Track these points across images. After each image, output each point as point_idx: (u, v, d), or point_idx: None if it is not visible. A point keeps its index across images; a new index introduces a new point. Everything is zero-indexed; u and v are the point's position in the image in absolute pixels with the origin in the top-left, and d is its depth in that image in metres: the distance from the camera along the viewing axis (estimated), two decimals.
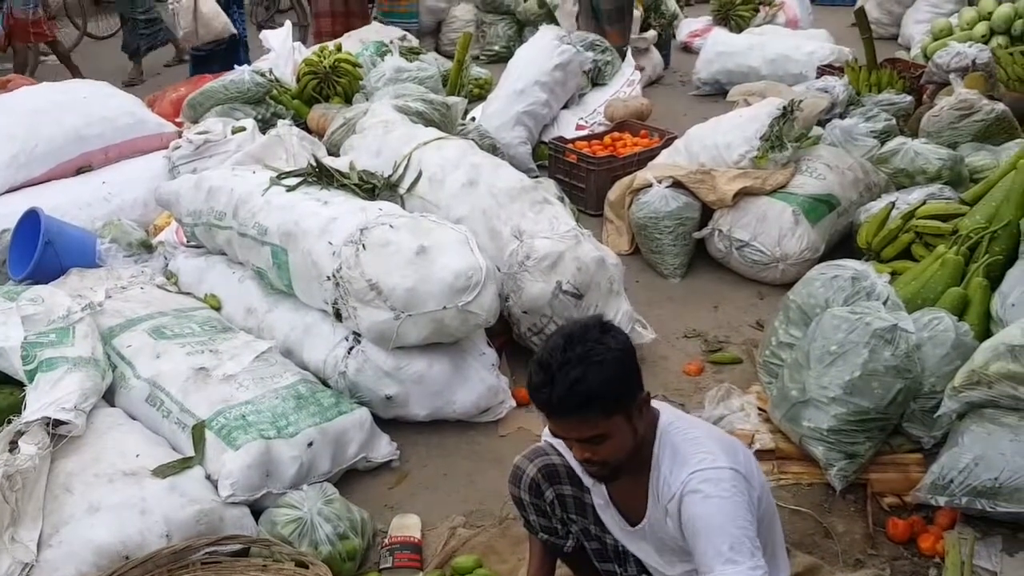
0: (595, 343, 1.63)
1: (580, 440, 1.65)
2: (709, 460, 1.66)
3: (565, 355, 1.61)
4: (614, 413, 1.62)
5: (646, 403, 1.71)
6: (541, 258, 2.99)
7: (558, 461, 1.91)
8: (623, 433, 1.65)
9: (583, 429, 1.63)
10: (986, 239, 2.88)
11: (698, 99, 6.51)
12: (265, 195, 3.12)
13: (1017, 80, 5.05)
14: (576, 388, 1.58)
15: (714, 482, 1.62)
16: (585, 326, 1.69)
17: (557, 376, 1.59)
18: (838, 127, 4.39)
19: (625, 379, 1.65)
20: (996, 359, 2.14)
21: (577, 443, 1.67)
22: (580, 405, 1.59)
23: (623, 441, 1.66)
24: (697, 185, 3.88)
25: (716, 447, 1.71)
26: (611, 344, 1.64)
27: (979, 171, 3.91)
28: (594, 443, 1.64)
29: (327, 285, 2.79)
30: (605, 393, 1.60)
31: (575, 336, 1.65)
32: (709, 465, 1.65)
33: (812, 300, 2.74)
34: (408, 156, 3.41)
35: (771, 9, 7.47)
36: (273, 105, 4.83)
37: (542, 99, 5.12)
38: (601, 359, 1.61)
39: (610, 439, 1.63)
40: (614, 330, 1.70)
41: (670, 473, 1.68)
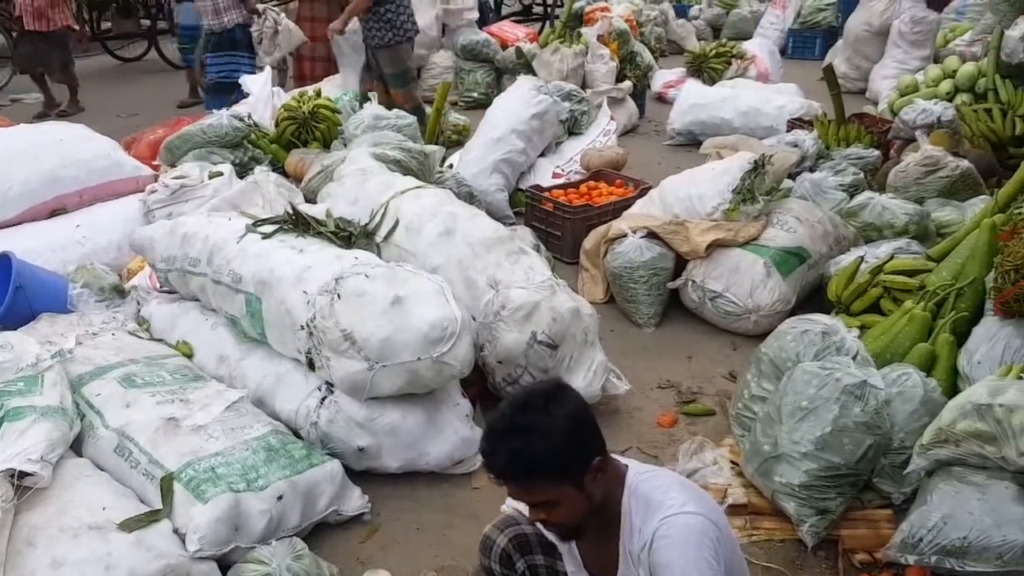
0: (542, 412, 1.64)
1: (531, 505, 1.69)
2: (678, 506, 1.67)
3: (509, 423, 1.64)
4: (561, 482, 1.64)
5: (601, 469, 1.70)
6: (516, 308, 3.00)
7: (529, 530, 1.91)
8: (574, 500, 1.66)
9: (531, 495, 1.66)
10: (952, 296, 2.94)
11: (672, 148, 6.63)
12: (240, 242, 3.11)
13: (981, 137, 5.21)
14: (517, 459, 1.60)
15: (684, 527, 1.63)
16: (534, 393, 1.72)
17: (499, 446, 1.63)
18: (808, 180, 4.48)
19: (572, 449, 1.65)
20: (963, 418, 2.17)
21: (530, 507, 1.70)
22: (523, 475, 1.62)
23: (575, 507, 1.67)
24: (671, 236, 3.93)
25: (685, 495, 1.72)
26: (559, 414, 1.65)
27: (945, 226, 4.00)
28: (545, 508, 1.66)
29: (301, 334, 2.78)
30: (549, 463, 1.61)
31: (523, 404, 1.68)
32: (679, 511, 1.66)
33: (783, 354, 2.77)
34: (385, 204, 3.43)
35: (743, 62, 7.65)
36: (251, 149, 4.85)
37: (519, 147, 5.20)
38: (545, 429, 1.62)
39: (560, 505, 1.65)
40: (567, 397, 1.70)
41: (643, 523, 1.69)
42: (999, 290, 2.59)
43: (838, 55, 8.14)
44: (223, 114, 4.84)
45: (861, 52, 7.84)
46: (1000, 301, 2.57)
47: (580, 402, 1.73)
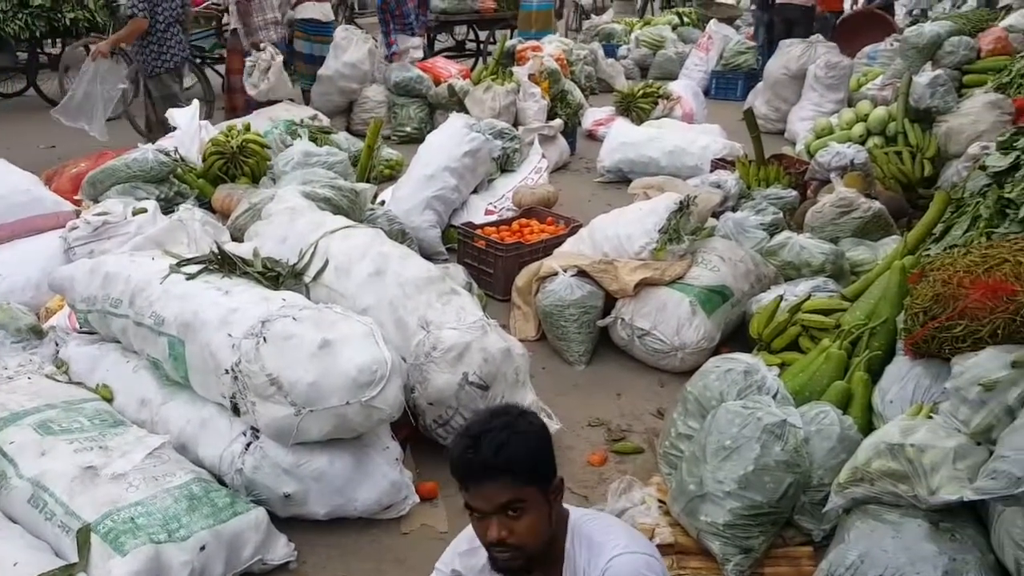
0: (517, 417, 1.76)
1: (498, 510, 1.66)
2: (622, 546, 1.72)
3: (491, 423, 1.72)
4: (533, 484, 1.68)
5: (560, 491, 1.77)
6: (447, 349, 3.00)
7: None
8: (540, 510, 1.70)
9: (503, 493, 1.66)
10: (866, 335, 3.06)
11: (602, 186, 6.77)
12: (164, 283, 3.05)
13: (892, 178, 5.47)
14: (500, 452, 1.66)
15: (632, 566, 1.68)
16: (507, 408, 1.85)
17: (483, 440, 1.67)
18: (731, 220, 4.63)
19: (545, 455, 1.75)
20: (877, 457, 2.26)
21: (495, 519, 1.67)
22: (503, 469, 1.65)
23: (540, 521, 1.70)
24: (601, 275, 4.01)
25: (628, 536, 1.78)
26: (532, 421, 1.78)
27: (858, 265, 4.17)
28: (513, 513, 1.66)
29: (225, 379, 2.73)
30: (527, 461, 1.68)
31: (497, 410, 1.80)
32: (624, 551, 1.71)
33: (708, 392, 2.85)
34: (315, 244, 3.40)
35: (669, 103, 7.89)
36: (177, 184, 4.76)
37: (452, 184, 5.23)
38: (524, 431, 1.72)
39: (527, 514, 1.67)
40: (535, 416, 1.83)
41: (587, 564, 1.73)
42: (909, 331, 2.71)
43: (759, 97, 8.44)
44: (148, 148, 4.74)
45: (780, 95, 8.15)
46: (910, 342, 2.68)
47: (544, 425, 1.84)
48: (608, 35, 12.29)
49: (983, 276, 2.51)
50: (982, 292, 2.45)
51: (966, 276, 2.56)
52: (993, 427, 2.20)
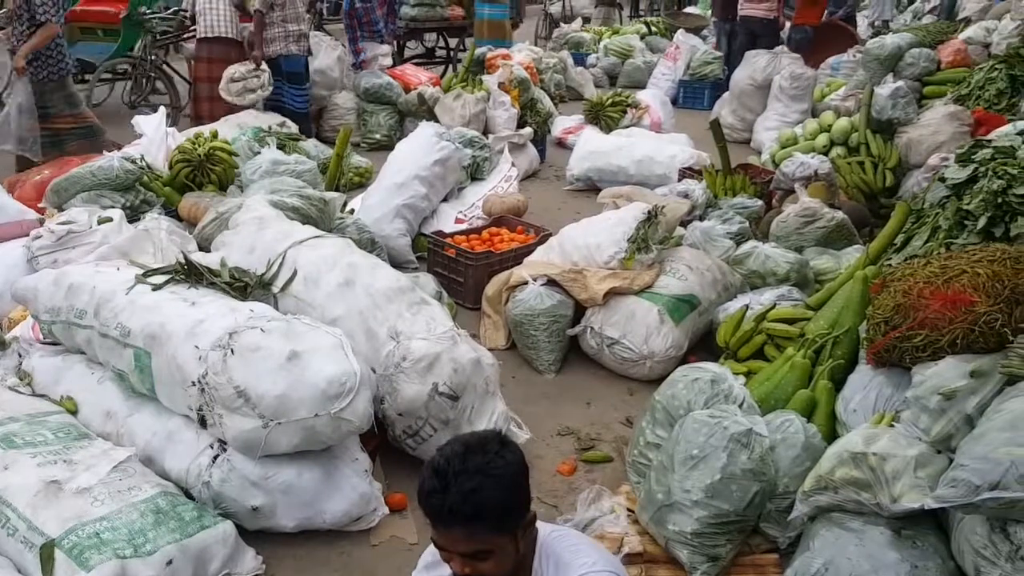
0: (494, 455, 1.65)
1: (463, 554, 1.65)
2: (589, 564, 1.73)
3: (464, 463, 1.62)
4: (502, 531, 1.64)
5: (532, 523, 1.74)
6: (417, 360, 3.00)
7: None
8: (506, 552, 1.67)
9: (469, 543, 1.63)
10: (829, 344, 3.12)
11: (572, 194, 6.80)
12: (129, 294, 3.01)
13: (855, 188, 5.57)
14: (470, 499, 1.58)
15: None
16: (484, 437, 1.72)
17: (452, 484, 1.59)
18: (698, 229, 4.68)
19: (517, 497, 1.68)
20: (840, 465, 2.30)
21: (459, 557, 1.66)
22: (470, 517, 1.60)
23: (505, 561, 1.67)
24: (570, 284, 4.03)
25: (596, 554, 1.79)
26: (509, 459, 1.67)
27: (822, 274, 4.24)
28: (476, 559, 1.64)
29: (192, 391, 2.70)
30: (497, 509, 1.61)
31: (474, 446, 1.67)
32: (591, 569, 1.72)
33: (676, 401, 2.88)
34: (283, 254, 3.38)
35: (637, 111, 7.96)
36: (143, 192, 4.71)
37: (421, 193, 5.23)
38: (499, 473, 1.62)
39: (492, 556, 1.64)
40: (512, 445, 1.73)
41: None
42: (871, 341, 2.77)
43: (725, 107, 8.55)
44: (114, 156, 4.69)
45: (746, 104, 8.27)
46: (872, 352, 2.74)
47: (521, 453, 1.75)
48: (577, 44, 12.37)
49: (942, 287, 2.57)
50: (941, 303, 2.52)
51: (926, 287, 2.62)
52: (953, 435, 2.25)
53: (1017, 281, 2.51)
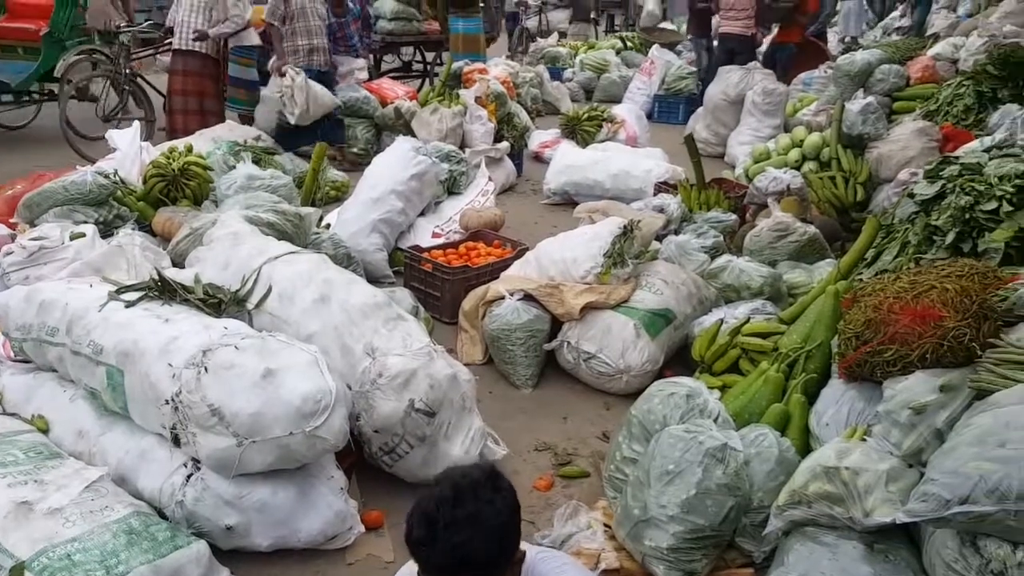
0: (486, 503, 1.61)
1: None
2: None
3: (454, 513, 1.58)
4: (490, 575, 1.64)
5: (520, 560, 1.74)
6: (393, 376, 2.99)
7: None
8: None
9: None
10: (802, 358, 3.15)
11: (549, 208, 6.83)
12: (102, 311, 2.99)
13: (827, 202, 5.65)
14: (458, 551, 1.57)
15: None
16: (476, 481, 1.66)
17: (441, 536, 1.57)
18: (673, 243, 4.73)
19: (507, 545, 1.66)
20: (814, 480, 2.32)
21: None
22: (456, 569, 1.59)
23: None
24: (547, 298, 4.04)
25: None
26: (500, 506, 1.64)
27: (795, 287, 4.29)
28: None
29: (165, 409, 2.68)
30: (484, 561, 1.60)
31: (465, 490, 1.62)
32: None
33: (652, 416, 2.89)
34: (258, 270, 3.37)
35: (613, 126, 8.02)
36: (117, 207, 4.66)
37: (398, 207, 5.24)
38: (490, 524, 1.60)
39: None
40: (504, 488, 1.69)
41: None
42: (842, 355, 2.81)
43: (699, 121, 8.64)
44: (87, 170, 4.64)
45: (720, 119, 8.36)
46: (843, 366, 2.77)
47: (513, 492, 1.72)
48: (554, 58, 12.46)
49: (912, 302, 2.61)
50: (911, 318, 2.56)
51: (896, 302, 2.66)
52: (923, 449, 2.28)
53: (985, 296, 2.55)
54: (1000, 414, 2.04)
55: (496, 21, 12.27)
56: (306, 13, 7.11)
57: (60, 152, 7.09)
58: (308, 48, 7.17)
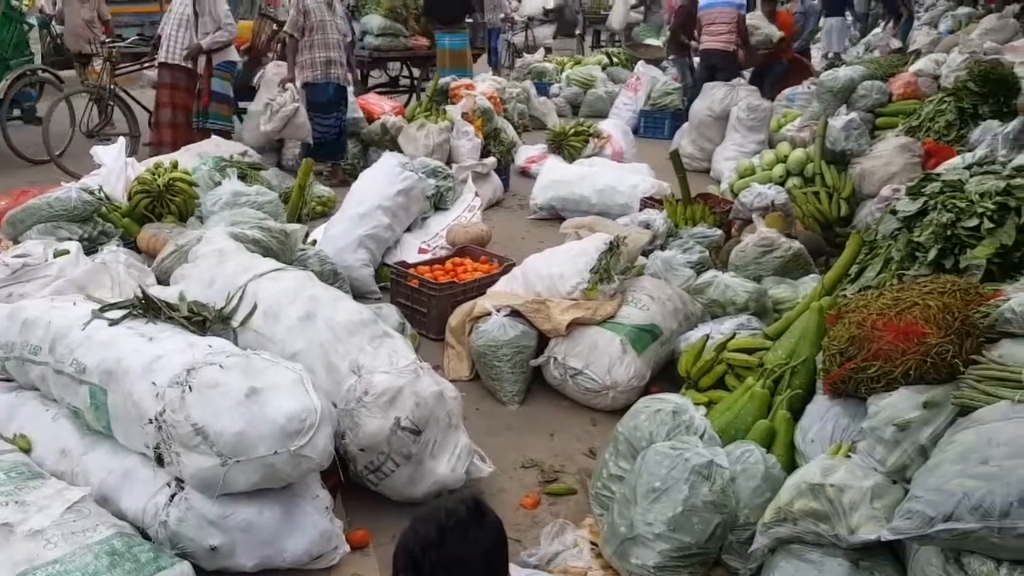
0: (472, 543, 1.60)
1: None
2: None
3: (439, 554, 1.58)
4: None
5: None
6: (379, 394, 2.99)
7: None
8: None
9: None
10: (787, 374, 3.16)
11: (535, 223, 6.85)
12: (86, 329, 2.97)
13: (811, 217, 5.68)
14: None
15: None
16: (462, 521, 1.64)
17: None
18: (659, 258, 4.74)
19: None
20: (799, 497, 2.33)
21: None
22: None
23: None
24: (534, 314, 4.05)
25: None
26: (486, 544, 1.63)
27: (780, 303, 4.31)
28: None
29: (149, 428, 2.66)
30: None
31: (450, 531, 1.61)
32: None
33: (638, 433, 2.90)
34: (243, 288, 3.35)
35: (599, 141, 8.06)
36: (101, 223, 4.63)
37: (385, 223, 5.24)
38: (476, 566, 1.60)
39: None
40: (489, 522, 1.68)
41: None
42: (827, 371, 2.82)
43: (685, 136, 8.70)
44: (72, 187, 4.62)
45: (705, 135, 8.41)
46: (828, 382, 2.79)
47: (499, 524, 1.72)
48: (540, 73, 12.52)
49: (895, 319, 2.63)
50: (894, 334, 2.57)
51: (879, 319, 2.67)
52: (907, 466, 2.29)
53: (967, 313, 2.57)
54: (983, 431, 2.06)
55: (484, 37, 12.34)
56: (325, 26, 7.17)
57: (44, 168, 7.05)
58: (325, 60, 7.21)
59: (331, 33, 7.22)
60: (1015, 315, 2.47)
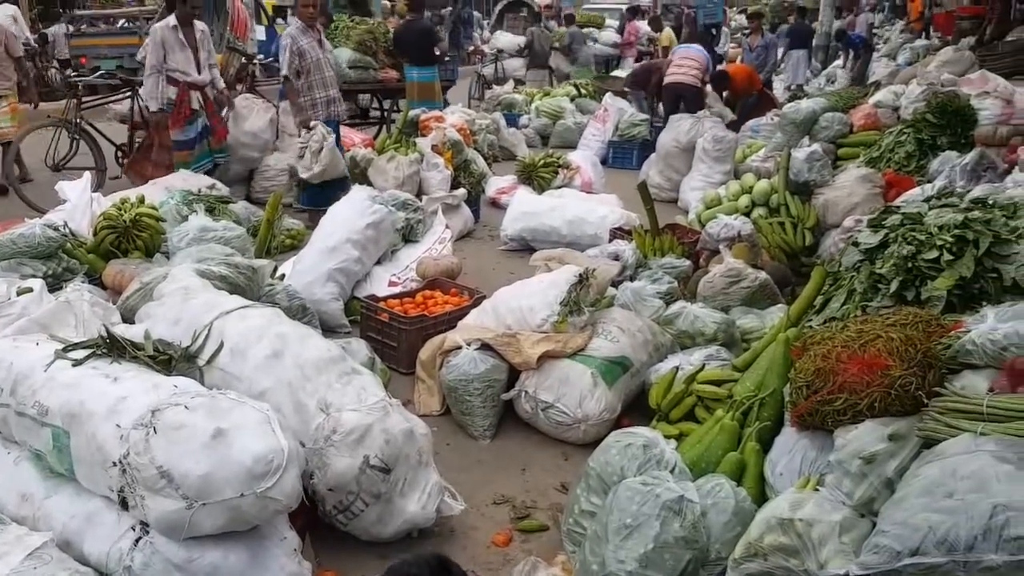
0: None
1: None
2: None
3: None
4: None
5: None
6: (348, 432, 2.96)
7: None
8: None
9: None
10: (756, 405, 3.19)
11: (506, 254, 6.87)
12: (48, 370, 2.91)
13: (777, 248, 5.77)
14: None
15: None
16: None
17: None
18: (629, 289, 4.78)
19: None
20: (769, 531, 2.34)
21: None
22: None
23: None
24: (504, 348, 4.05)
25: None
26: None
27: (748, 333, 4.36)
28: None
29: (113, 471, 2.60)
30: None
31: None
32: None
33: (609, 468, 2.90)
34: (209, 325, 3.31)
35: (569, 172, 8.13)
36: (66, 260, 4.57)
37: (354, 256, 5.23)
38: None
39: None
40: None
41: None
42: (794, 404, 2.85)
43: (653, 167, 8.81)
44: (36, 223, 4.55)
45: (672, 165, 8.53)
46: (795, 415, 2.81)
47: None
48: (510, 105, 12.64)
49: (859, 351, 2.67)
50: (859, 367, 2.61)
51: (844, 351, 2.71)
52: (875, 499, 2.32)
53: (929, 345, 2.62)
54: (947, 464, 2.09)
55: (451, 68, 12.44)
56: (321, 65, 7.18)
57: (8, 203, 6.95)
58: (326, 100, 7.26)
59: (327, 71, 7.26)
60: (976, 347, 2.52)
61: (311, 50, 7.08)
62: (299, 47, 7.03)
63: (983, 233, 3.11)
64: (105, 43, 12.63)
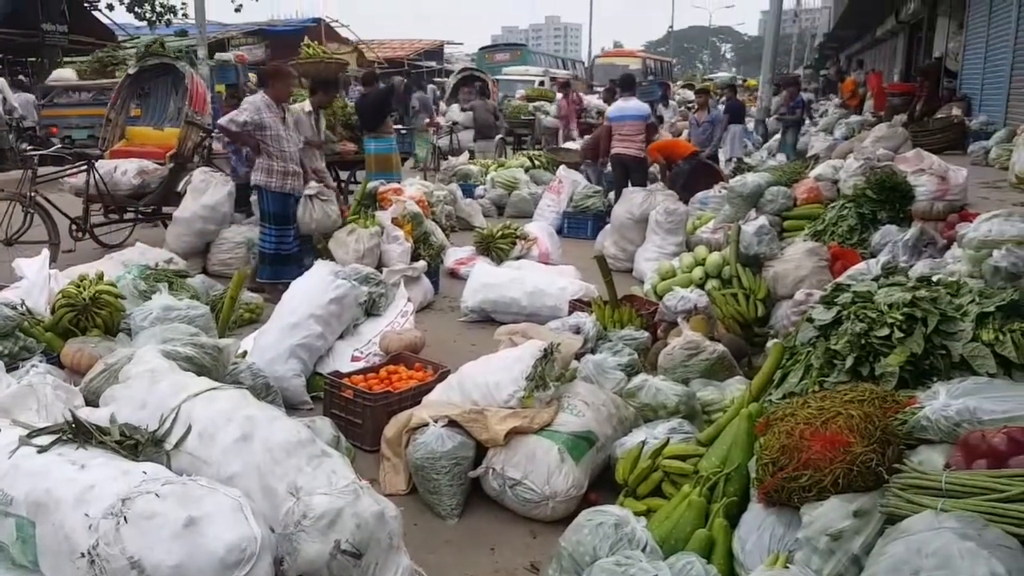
0: None
1: None
2: None
3: None
4: None
5: None
6: (318, 516, 2.92)
7: None
8: None
9: None
10: (722, 481, 3.27)
11: (467, 325, 6.92)
12: (12, 457, 2.85)
13: (731, 318, 5.93)
14: None
15: None
16: None
17: None
18: (591, 362, 4.85)
19: None
20: None
21: None
22: None
23: None
24: (471, 424, 4.06)
25: None
26: None
27: (709, 405, 4.45)
28: None
29: (81, 563, 2.54)
30: None
31: None
32: None
33: (582, 548, 2.93)
34: (177, 409, 3.29)
35: (526, 243, 8.28)
36: (23, 339, 4.48)
37: (317, 331, 5.22)
38: None
39: None
40: None
41: None
42: (760, 481, 2.93)
43: (608, 237, 9.03)
44: None
45: (626, 236, 8.75)
46: (762, 492, 2.89)
47: None
48: (465, 175, 12.86)
49: (821, 428, 2.78)
50: (821, 444, 2.71)
51: (806, 428, 2.81)
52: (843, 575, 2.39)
53: (887, 421, 2.74)
54: (912, 541, 2.17)
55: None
56: (281, 141, 7.17)
57: None
58: (283, 171, 7.24)
59: (287, 147, 7.24)
60: (931, 423, 2.65)
61: (272, 125, 7.13)
62: (260, 119, 7.08)
63: (931, 312, 3.28)
64: (76, 113, 12.67)
